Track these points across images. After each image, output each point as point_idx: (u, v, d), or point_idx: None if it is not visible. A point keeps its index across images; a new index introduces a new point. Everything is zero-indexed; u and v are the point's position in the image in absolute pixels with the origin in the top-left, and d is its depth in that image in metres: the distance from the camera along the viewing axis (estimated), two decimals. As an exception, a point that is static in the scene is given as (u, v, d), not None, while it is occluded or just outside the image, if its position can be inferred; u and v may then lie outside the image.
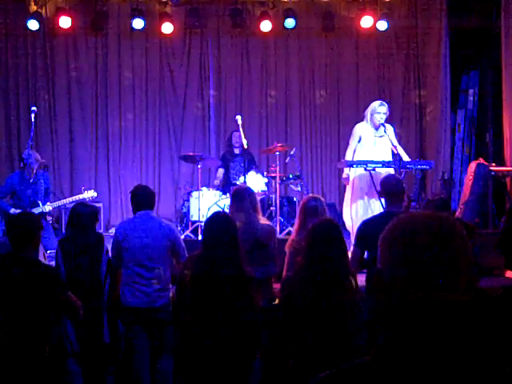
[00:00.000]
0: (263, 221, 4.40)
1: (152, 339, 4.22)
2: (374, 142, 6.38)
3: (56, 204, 6.79)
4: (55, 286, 3.34)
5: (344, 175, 6.51)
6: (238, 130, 7.44)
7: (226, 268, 3.29)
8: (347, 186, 6.48)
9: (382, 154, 6.25)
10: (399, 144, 6.61)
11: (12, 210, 6.46)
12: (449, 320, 1.13)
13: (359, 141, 6.42)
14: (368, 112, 6.43)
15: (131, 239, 4.16)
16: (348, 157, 6.43)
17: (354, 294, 3.25)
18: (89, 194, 6.85)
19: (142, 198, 4.33)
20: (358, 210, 6.25)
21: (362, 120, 6.55)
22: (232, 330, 3.28)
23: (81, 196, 6.84)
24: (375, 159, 6.17)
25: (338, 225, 3.36)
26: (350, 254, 4.19)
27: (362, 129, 6.43)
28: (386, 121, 6.45)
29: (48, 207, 6.63)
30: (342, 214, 6.71)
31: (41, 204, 6.60)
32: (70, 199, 6.89)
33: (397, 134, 6.73)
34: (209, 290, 3.29)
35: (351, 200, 6.36)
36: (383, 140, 6.31)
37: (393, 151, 6.33)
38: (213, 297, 3.28)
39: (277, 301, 3.84)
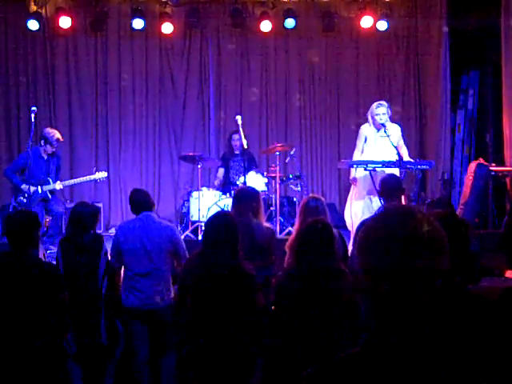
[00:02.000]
0: (264, 224, 4.39)
1: (154, 339, 4.22)
2: (375, 142, 6.40)
3: (67, 183, 7.03)
4: (56, 284, 3.34)
5: (351, 176, 6.56)
6: (237, 132, 7.45)
7: (225, 266, 3.29)
8: (351, 186, 6.52)
9: (384, 155, 6.25)
10: (404, 144, 6.64)
11: (23, 186, 6.69)
12: (428, 316, 1.14)
13: (365, 142, 6.47)
14: (368, 114, 6.51)
15: (131, 241, 4.16)
16: (355, 158, 6.47)
17: (348, 294, 3.23)
18: (100, 175, 7.07)
19: (139, 202, 4.35)
20: (357, 210, 6.25)
21: (365, 121, 6.60)
22: (232, 328, 3.27)
23: (92, 177, 7.07)
24: (378, 159, 6.18)
25: (328, 225, 3.35)
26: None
27: (366, 130, 6.50)
28: (391, 120, 6.49)
29: (59, 185, 6.86)
30: (342, 213, 6.73)
31: (51, 181, 6.80)
32: (82, 179, 7.12)
33: (403, 134, 6.74)
34: (208, 289, 3.28)
35: (351, 199, 6.40)
36: (386, 140, 6.31)
37: (398, 151, 6.34)
38: (212, 295, 3.28)
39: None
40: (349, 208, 6.43)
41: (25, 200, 6.74)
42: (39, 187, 6.76)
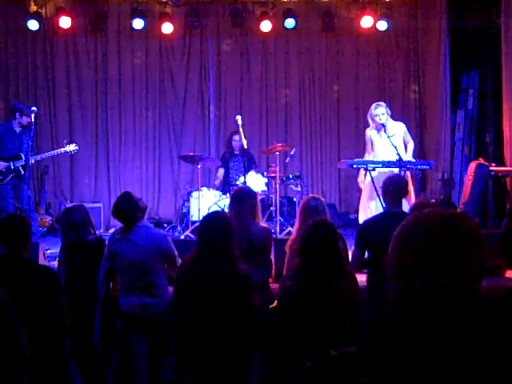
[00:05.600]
0: (262, 224, 4.37)
1: (151, 342, 4.19)
2: (382, 143, 6.38)
3: (38, 157, 6.93)
4: (54, 287, 3.33)
5: (359, 179, 6.55)
6: (237, 133, 7.44)
7: (220, 267, 3.28)
8: (362, 190, 6.50)
9: (389, 155, 6.21)
10: (412, 139, 6.64)
11: None
12: (445, 315, 1.14)
13: (372, 144, 6.47)
14: (368, 117, 6.49)
15: (120, 253, 4.07)
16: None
17: (352, 294, 3.24)
18: (70, 148, 7.06)
19: (125, 214, 4.04)
20: (368, 214, 6.22)
21: (366, 122, 6.62)
22: (228, 329, 3.27)
23: (62, 149, 7.06)
24: (381, 160, 6.17)
25: (332, 224, 3.34)
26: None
27: (369, 133, 6.51)
28: (393, 119, 6.49)
29: (31, 160, 6.72)
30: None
31: (23, 156, 6.70)
32: (53, 152, 7.11)
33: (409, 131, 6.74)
34: (204, 290, 3.28)
35: (363, 204, 6.38)
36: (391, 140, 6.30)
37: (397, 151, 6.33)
38: (208, 296, 3.27)
39: (275, 303, 3.83)
40: (362, 214, 6.41)
41: None
42: (11, 163, 6.67)
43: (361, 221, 6.46)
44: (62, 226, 4.22)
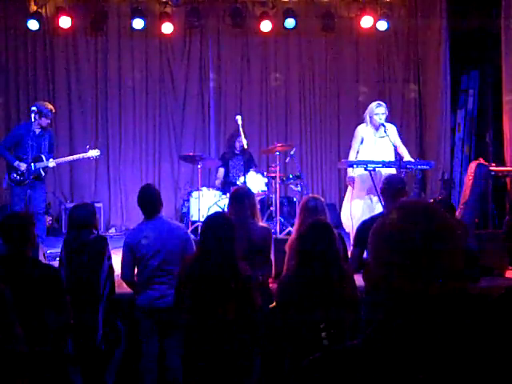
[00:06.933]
0: (261, 224, 4.37)
1: (163, 338, 4.20)
2: (375, 142, 6.37)
3: (60, 160, 6.83)
4: (57, 287, 3.32)
5: (348, 176, 6.52)
6: (240, 135, 7.44)
7: (222, 267, 3.29)
8: (348, 186, 6.48)
9: (383, 155, 6.24)
10: (404, 144, 6.61)
11: (16, 163, 6.51)
12: (438, 311, 1.14)
13: (361, 142, 6.43)
14: (367, 114, 6.43)
15: (144, 246, 4.13)
16: (351, 158, 6.43)
17: (351, 294, 3.24)
18: (93, 153, 6.92)
19: (150, 204, 4.25)
20: (358, 211, 6.23)
21: (363, 121, 6.54)
22: (230, 329, 3.27)
23: (85, 154, 6.91)
24: (377, 159, 6.16)
25: (329, 225, 3.34)
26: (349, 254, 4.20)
27: (363, 130, 6.43)
28: (387, 120, 6.44)
29: (52, 163, 6.68)
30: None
31: (44, 159, 6.62)
32: (75, 157, 6.99)
33: (399, 133, 6.72)
34: (205, 290, 3.28)
35: (350, 200, 6.36)
36: (384, 140, 6.30)
37: (395, 151, 6.33)
38: (210, 296, 3.28)
39: (274, 303, 3.83)
40: (347, 209, 6.39)
41: (18, 177, 6.53)
42: (32, 164, 6.53)
43: (343, 219, 6.46)
44: (68, 220, 4.29)
